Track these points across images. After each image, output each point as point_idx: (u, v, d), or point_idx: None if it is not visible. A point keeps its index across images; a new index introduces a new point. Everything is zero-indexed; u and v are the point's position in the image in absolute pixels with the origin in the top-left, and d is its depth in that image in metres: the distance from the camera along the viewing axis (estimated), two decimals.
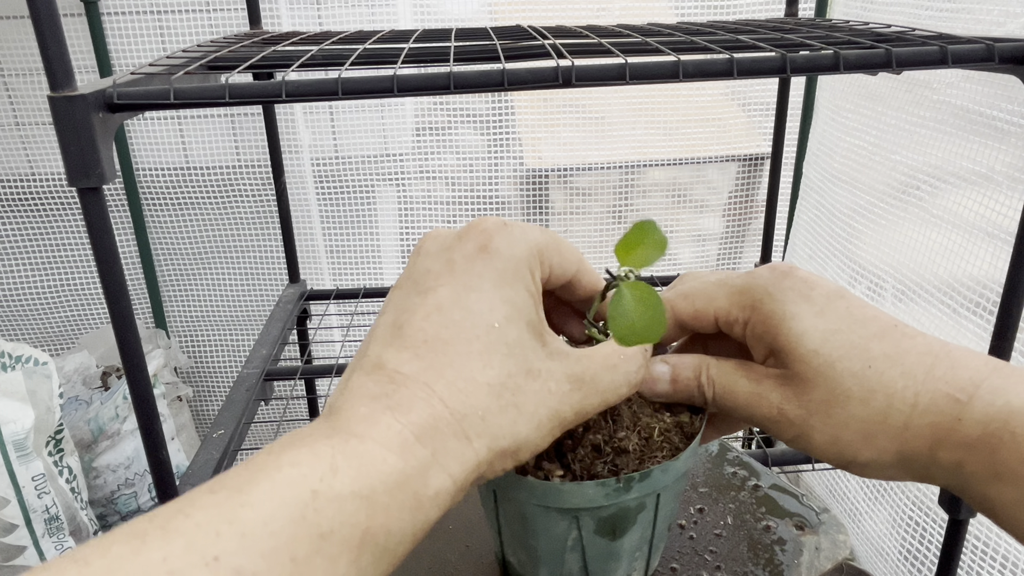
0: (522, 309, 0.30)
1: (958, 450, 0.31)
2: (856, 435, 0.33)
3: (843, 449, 0.33)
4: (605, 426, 0.36)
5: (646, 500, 0.36)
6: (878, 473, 0.34)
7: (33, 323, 1.45)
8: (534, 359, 0.29)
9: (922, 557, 0.99)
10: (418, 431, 0.26)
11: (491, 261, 0.30)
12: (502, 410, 0.28)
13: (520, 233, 0.31)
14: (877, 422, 0.32)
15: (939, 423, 0.31)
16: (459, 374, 0.28)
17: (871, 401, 0.32)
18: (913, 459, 0.32)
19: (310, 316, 1.32)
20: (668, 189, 1.42)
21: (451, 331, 0.28)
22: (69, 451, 1.16)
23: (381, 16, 1.26)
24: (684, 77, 0.58)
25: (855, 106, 1.15)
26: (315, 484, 0.24)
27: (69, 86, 0.56)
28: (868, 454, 0.33)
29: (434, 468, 0.26)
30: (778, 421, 0.34)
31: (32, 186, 1.35)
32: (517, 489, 0.35)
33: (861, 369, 0.32)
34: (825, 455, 0.34)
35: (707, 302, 0.36)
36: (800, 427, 0.34)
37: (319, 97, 0.59)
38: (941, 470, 0.32)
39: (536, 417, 0.29)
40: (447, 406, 0.27)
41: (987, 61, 0.58)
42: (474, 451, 0.27)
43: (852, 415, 0.32)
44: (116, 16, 1.25)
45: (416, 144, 1.37)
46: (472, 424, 0.27)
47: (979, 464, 0.30)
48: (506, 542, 0.39)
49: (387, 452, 0.25)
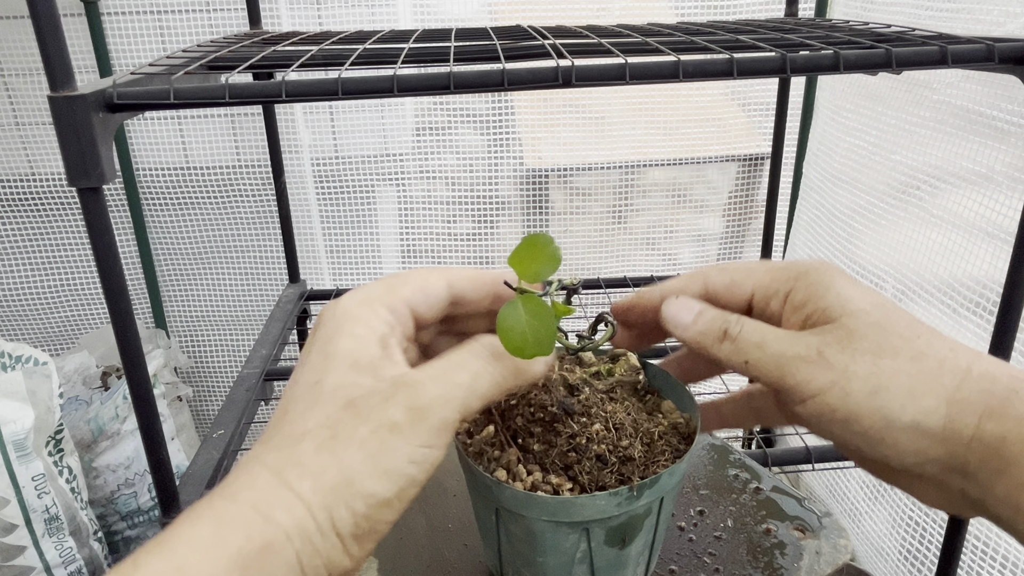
0: (344, 355, 0.31)
1: (1006, 422, 0.29)
2: (902, 389, 0.30)
3: (885, 403, 0.30)
4: (609, 436, 0.36)
5: (652, 505, 0.36)
6: (907, 450, 0.31)
7: (33, 323, 1.45)
8: (355, 392, 0.30)
9: (922, 557, 0.99)
10: (242, 499, 0.28)
11: (316, 332, 0.33)
12: (318, 449, 0.29)
13: (347, 297, 0.33)
14: (928, 379, 0.30)
15: (993, 391, 0.29)
16: (283, 439, 0.30)
17: (923, 360, 0.31)
18: (958, 431, 0.30)
19: (310, 316, 1.32)
20: (668, 189, 1.42)
21: (283, 407, 0.31)
22: (69, 451, 1.16)
23: (381, 16, 1.26)
24: (684, 77, 0.58)
25: (855, 106, 1.15)
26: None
27: (69, 86, 0.56)
28: (912, 413, 0.30)
29: (255, 525, 0.27)
30: (813, 362, 0.32)
31: (32, 186, 1.35)
32: (527, 507, 0.34)
33: (911, 335, 0.31)
34: (858, 410, 0.31)
35: (746, 274, 0.36)
36: (839, 372, 0.31)
37: (319, 97, 0.58)
38: (981, 447, 0.29)
39: (356, 439, 0.29)
40: (267, 467, 0.29)
41: (987, 61, 0.58)
42: (296, 495, 0.28)
43: (901, 368, 0.31)
44: (116, 16, 1.25)
45: (416, 144, 1.37)
46: (291, 473, 0.29)
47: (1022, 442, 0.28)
48: (507, 560, 0.39)
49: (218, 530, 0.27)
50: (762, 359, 0.33)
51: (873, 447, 0.31)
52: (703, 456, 0.52)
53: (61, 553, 1.12)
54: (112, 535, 1.29)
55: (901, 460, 0.31)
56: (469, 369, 0.31)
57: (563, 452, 0.35)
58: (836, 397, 0.31)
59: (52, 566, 1.11)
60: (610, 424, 0.36)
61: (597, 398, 0.37)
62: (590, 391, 0.37)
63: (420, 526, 0.46)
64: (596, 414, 0.36)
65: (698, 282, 0.37)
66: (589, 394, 0.37)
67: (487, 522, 0.38)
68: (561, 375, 0.38)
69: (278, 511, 0.28)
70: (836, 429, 0.32)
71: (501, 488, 0.34)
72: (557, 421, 0.36)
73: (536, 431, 0.36)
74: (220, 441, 0.89)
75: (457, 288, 0.35)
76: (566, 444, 0.35)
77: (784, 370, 0.32)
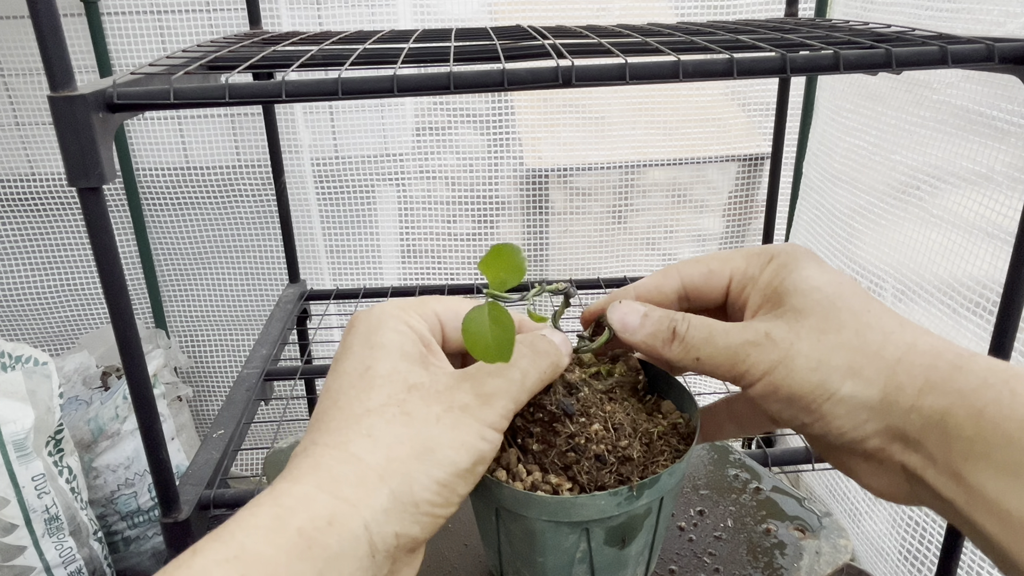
0: (392, 346, 0.33)
1: (949, 396, 0.29)
2: (843, 362, 0.31)
3: (826, 377, 0.31)
4: (608, 436, 0.36)
5: (652, 505, 0.36)
6: (847, 423, 0.31)
7: (33, 323, 1.45)
8: (414, 379, 0.32)
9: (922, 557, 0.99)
10: (305, 481, 0.28)
11: (354, 331, 0.34)
12: (388, 423, 0.30)
13: (381, 304, 0.36)
14: (869, 353, 0.31)
15: (936, 366, 0.30)
16: (342, 421, 0.31)
17: (866, 334, 0.31)
18: (896, 402, 0.30)
19: (310, 316, 1.32)
20: (668, 189, 1.42)
21: (331, 398, 0.32)
22: (69, 451, 1.16)
23: (381, 16, 1.26)
24: (684, 77, 0.58)
25: (855, 106, 1.15)
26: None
27: (69, 86, 0.56)
28: (852, 386, 0.30)
29: (319, 502, 0.27)
30: (760, 344, 0.32)
31: (32, 186, 1.35)
32: (527, 507, 0.34)
33: (861, 309, 0.32)
34: (803, 385, 0.31)
35: (723, 262, 0.36)
36: (784, 350, 0.32)
37: (319, 97, 0.58)
38: (920, 419, 0.29)
39: (431, 415, 0.31)
40: (330, 446, 0.30)
41: (987, 61, 0.58)
42: (367, 465, 0.29)
43: (844, 342, 0.31)
44: (116, 16, 1.25)
45: (416, 144, 1.37)
46: (359, 446, 0.29)
47: (966, 415, 0.28)
48: (506, 560, 0.39)
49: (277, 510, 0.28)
50: (713, 353, 0.33)
51: (816, 422, 0.31)
52: (703, 456, 0.52)
53: (61, 553, 1.12)
54: (112, 535, 1.29)
55: (842, 434, 0.31)
56: (519, 367, 0.33)
57: (562, 452, 0.35)
58: (780, 376, 0.32)
59: (52, 566, 1.11)
60: (609, 424, 0.36)
61: (596, 398, 0.37)
62: (589, 391, 0.37)
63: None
64: (595, 414, 0.36)
65: (673, 278, 0.37)
66: (588, 394, 0.37)
67: (487, 522, 0.38)
68: (561, 375, 0.38)
69: (344, 485, 0.28)
70: (782, 408, 0.32)
71: (501, 488, 0.34)
72: (556, 421, 0.36)
73: (535, 431, 0.36)
74: (220, 441, 0.89)
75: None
76: (565, 444, 0.35)
77: (735, 358, 0.33)
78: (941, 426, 0.29)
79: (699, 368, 0.34)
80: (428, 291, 1.34)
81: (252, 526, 0.26)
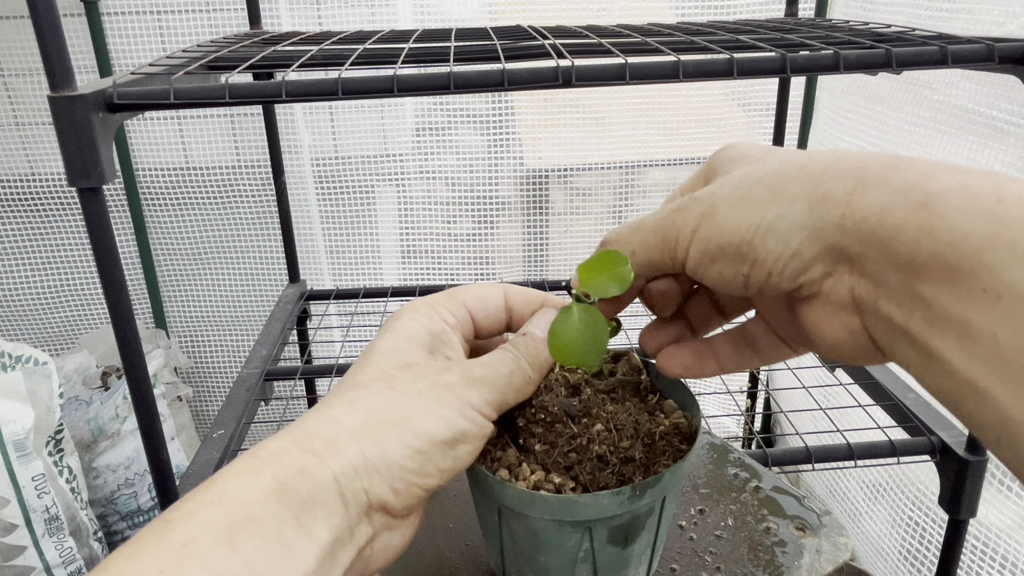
0: (403, 330, 0.35)
1: (884, 193, 0.25)
2: (763, 189, 0.28)
3: (748, 210, 0.28)
4: (610, 437, 0.36)
5: (655, 504, 0.36)
6: (781, 255, 0.27)
7: (33, 323, 1.45)
8: (411, 358, 0.33)
9: (922, 557, 0.99)
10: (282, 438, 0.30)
11: (383, 325, 0.36)
12: (374, 395, 0.32)
13: (412, 300, 0.37)
14: (792, 172, 0.27)
15: (868, 168, 0.26)
16: (335, 392, 0.33)
17: (791, 159, 0.28)
18: (826, 212, 0.26)
19: (310, 316, 1.32)
20: (668, 189, 1.42)
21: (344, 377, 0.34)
22: (69, 451, 1.16)
23: (381, 16, 1.26)
24: (684, 77, 0.58)
25: (855, 106, 1.15)
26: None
27: (69, 86, 0.56)
28: (775, 208, 0.27)
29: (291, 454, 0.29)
30: (684, 207, 0.30)
31: (32, 186, 1.35)
32: (530, 506, 0.34)
33: (788, 151, 0.30)
34: (727, 226, 0.28)
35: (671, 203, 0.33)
36: (708, 202, 0.29)
37: (319, 97, 0.59)
38: (855, 226, 0.25)
39: (414, 390, 0.32)
40: (317, 410, 0.31)
41: (987, 61, 0.58)
42: (343, 427, 0.30)
43: (764, 170, 0.28)
44: (116, 16, 1.25)
45: (416, 144, 1.37)
46: (341, 410, 0.31)
47: (906, 213, 0.24)
48: (509, 559, 0.39)
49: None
50: (644, 237, 0.32)
51: (753, 267, 0.28)
52: (703, 455, 0.52)
53: (61, 553, 1.12)
54: (112, 535, 1.29)
55: (782, 271, 0.28)
56: (508, 365, 0.34)
57: (564, 453, 0.35)
58: (706, 227, 0.29)
59: (52, 566, 1.11)
60: (611, 425, 0.36)
61: (598, 399, 0.37)
62: (591, 391, 0.37)
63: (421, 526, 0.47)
64: (597, 415, 0.36)
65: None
66: (590, 395, 0.37)
67: (490, 521, 0.38)
68: (563, 375, 0.38)
69: (317, 441, 0.30)
70: (722, 268, 0.29)
71: (504, 487, 0.34)
72: (558, 422, 0.36)
73: (537, 432, 0.36)
74: (220, 441, 0.89)
75: (510, 301, 0.38)
76: (567, 445, 0.35)
77: (664, 231, 0.31)
78: (880, 230, 0.25)
79: (638, 264, 0.32)
80: (428, 291, 1.33)
81: (232, 473, 0.28)
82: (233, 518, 0.26)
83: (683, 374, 0.35)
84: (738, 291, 0.30)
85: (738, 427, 1.59)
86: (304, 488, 0.28)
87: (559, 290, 1.24)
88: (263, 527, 0.26)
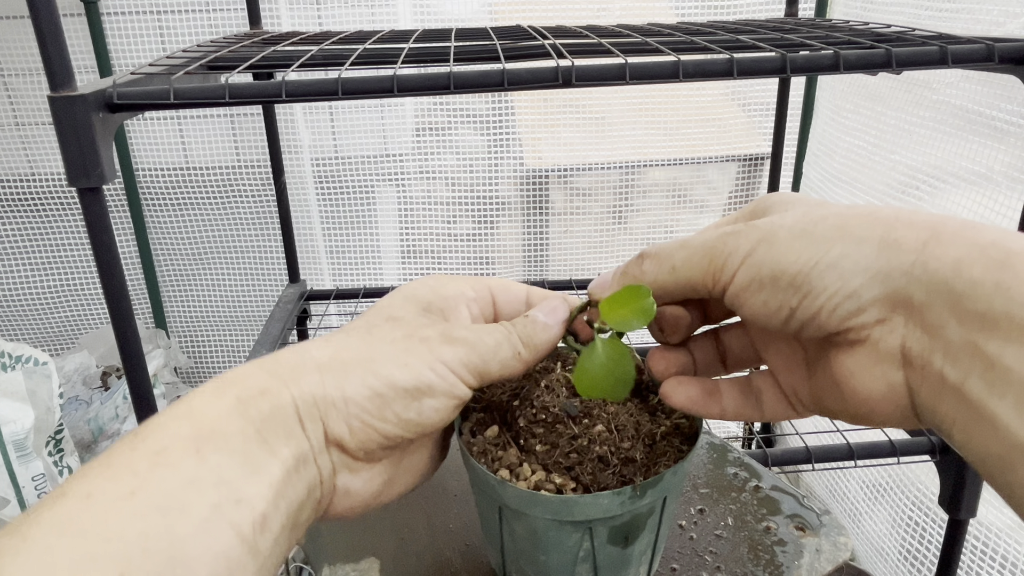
0: (406, 290, 0.36)
1: (961, 247, 0.24)
2: (830, 227, 0.27)
3: (810, 243, 0.27)
4: (610, 438, 0.36)
5: (655, 504, 0.36)
6: (838, 293, 0.27)
7: (33, 323, 1.45)
8: (399, 313, 0.34)
9: (922, 557, 0.99)
10: (252, 364, 0.32)
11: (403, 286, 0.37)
12: (347, 336, 0.33)
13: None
14: (859, 214, 0.27)
15: (944, 222, 0.26)
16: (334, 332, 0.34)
17: (854, 207, 0.28)
18: (895, 257, 0.26)
19: (310, 316, 1.32)
20: (668, 189, 1.42)
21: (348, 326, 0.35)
22: (69, 451, 1.16)
23: (381, 16, 1.26)
24: (684, 77, 0.58)
25: (855, 106, 1.15)
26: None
27: (69, 86, 0.56)
28: (841, 247, 0.27)
29: (255, 377, 0.31)
30: (738, 232, 0.29)
31: (32, 186, 1.35)
32: (530, 506, 0.34)
33: (842, 204, 0.30)
34: (787, 255, 0.28)
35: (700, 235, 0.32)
36: (766, 229, 0.29)
37: (319, 97, 0.59)
38: (927, 275, 0.25)
39: (388, 338, 0.33)
40: (295, 347, 0.33)
41: (987, 61, 0.58)
42: (311, 358, 0.31)
43: (829, 211, 0.28)
44: (116, 16, 1.25)
45: (416, 144, 1.37)
46: (313, 345, 0.32)
47: (984, 267, 0.24)
48: (510, 559, 0.39)
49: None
50: (688, 254, 0.31)
51: (804, 299, 0.27)
52: (703, 455, 0.52)
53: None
54: None
55: (835, 308, 0.27)
56: (496, 336, 0.34)
57: (565, 453, 0.35)
58: (762, 252, 0.28)
59: None
60: (612, 426, 0.36)
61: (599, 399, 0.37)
62: None
63: (421, 526, 0.47)
64: (598, 415, 0.36)
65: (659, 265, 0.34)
66: None
67: (490, 521, 0.38)
68: (564, 375, 0.38)
69: (283, 368, 0.31)
70: (768, 296, 0.28)
71: (505, 487, 0.34)
72: (559, 422, 0.36)
73: (539, 432, 0.36)
74: None
75: (532, 300, 0.38)
76: (568, 446, 0.35)
77: (712, 252, 0.30)
78: (955, 282, 0.24)
79: (675, 280, 0.31)
80: None
81: (199, 393, 0.30)
82: (199, 432, 0.28)
83: (686, 406, 0.34)
84: (775, 324, 0.29)
85: (738, 427, 1.59)
86: (266, 407, 0.29)
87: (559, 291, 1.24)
88: (228, 440, 0.28)
